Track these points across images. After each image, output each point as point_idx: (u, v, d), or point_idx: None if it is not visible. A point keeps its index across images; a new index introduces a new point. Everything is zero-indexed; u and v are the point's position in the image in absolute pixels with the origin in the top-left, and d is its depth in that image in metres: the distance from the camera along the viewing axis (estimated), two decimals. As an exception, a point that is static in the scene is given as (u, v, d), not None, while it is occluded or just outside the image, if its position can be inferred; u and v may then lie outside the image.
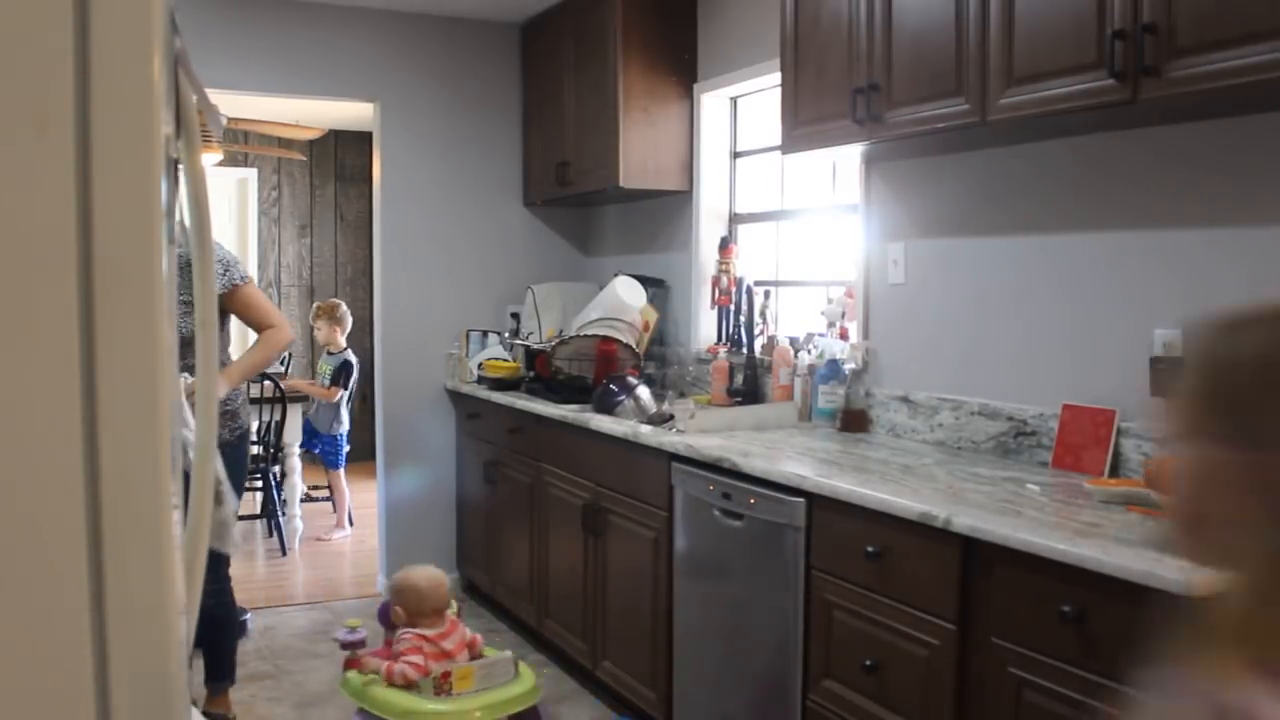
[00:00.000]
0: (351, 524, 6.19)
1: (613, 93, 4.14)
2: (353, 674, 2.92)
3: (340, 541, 6.04)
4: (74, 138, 0.89)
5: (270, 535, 5.98)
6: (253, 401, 5.53)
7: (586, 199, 4.73)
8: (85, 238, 0.90)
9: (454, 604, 3.11)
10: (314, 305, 6.48)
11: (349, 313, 6.16)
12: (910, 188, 3.19)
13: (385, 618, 3.09)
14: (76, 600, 0.90)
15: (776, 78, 3.35)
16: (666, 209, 4.47)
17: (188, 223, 1.24)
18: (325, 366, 6.08)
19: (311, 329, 6.31)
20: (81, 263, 0.89)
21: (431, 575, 3.03)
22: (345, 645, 3.06)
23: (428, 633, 2.92)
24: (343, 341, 6.08)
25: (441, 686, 2.76)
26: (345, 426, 6.08)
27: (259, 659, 4.13)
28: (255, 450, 5.78)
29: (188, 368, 2.48)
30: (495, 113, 4.98)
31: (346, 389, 5.97)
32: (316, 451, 6.10)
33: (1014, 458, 2.79)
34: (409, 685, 2.77)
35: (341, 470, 6.12)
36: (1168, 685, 0.86)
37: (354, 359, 6.02)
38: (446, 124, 4.89)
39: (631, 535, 3.38)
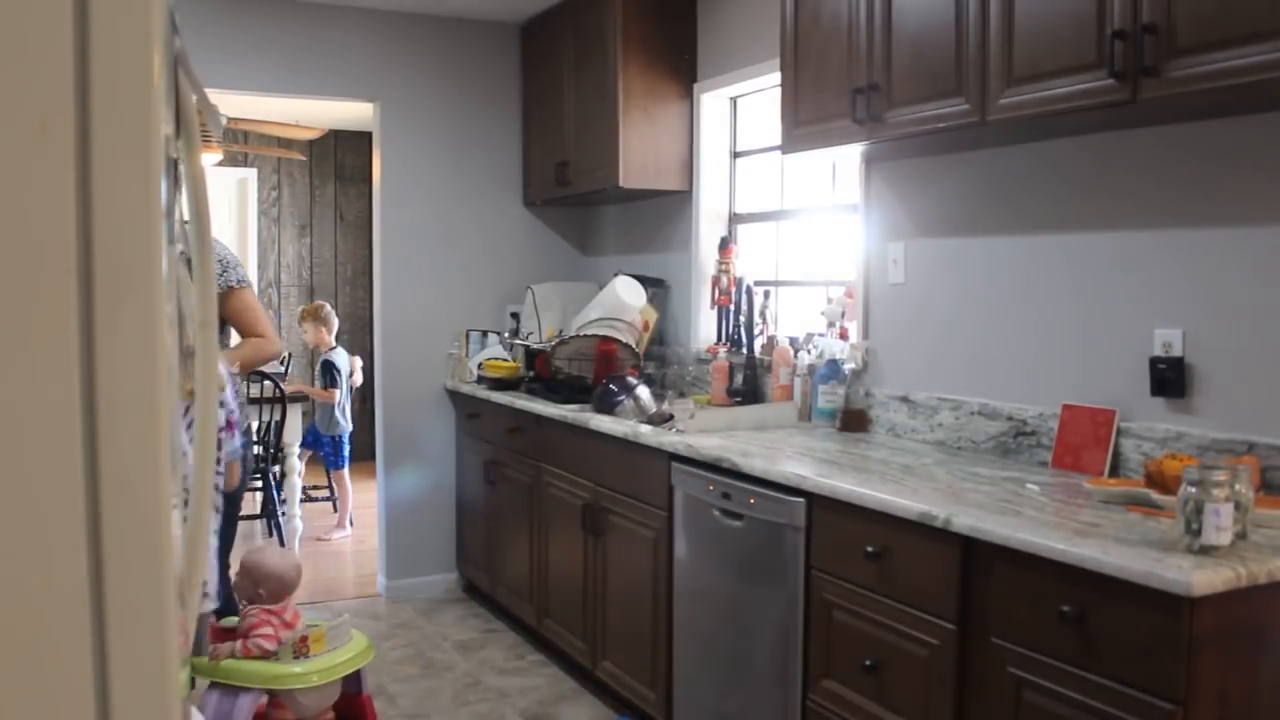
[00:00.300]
0: (351, 524, 6.20)
1: (612, 92, 4.14)
2: (197, 660, 2.94)
3: (340, 541, 6.05)
4: (74, 138, 0.89)
5: (270, 535, 5.99)
6: (252, 402, 5.54)
7: (586, 199, 4.73)
8: (85, 238, 0.89)
9: None
10: (299, 309, 6.46)
11: (334, 312, 6.15)
12: (910, 187, 3.19)
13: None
14: (76, 600, 0.90)
15: (776, 78, 3.35)
16: (666, 209, 4.47)
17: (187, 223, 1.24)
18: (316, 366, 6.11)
19: (301, 332, 6.32)
20: (81, 263, 0.89)
21: (292, 560, 3.20)
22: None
23: (273, 607, 3.08)
24: (331, 340, 6.07)
25: (300, 650, 3.02)
26: (344, 427, 6.06)
27: (259, 659, 4.12)
28: (256, 450, 5.79)
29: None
30: (495, 113, 4.98)
31: (338, 388, 5.95)
32: (321, 454, 6.11)
33: (1014, 458, 2.79)
34: (265, 655, 2.98)
35: (345, 470, 6.12)
36: None
37: (337, 358, 5.98)
38: (446, 124, 4.89)
39: (631, 535, 3.38)
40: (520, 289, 4.98)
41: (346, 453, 6.12)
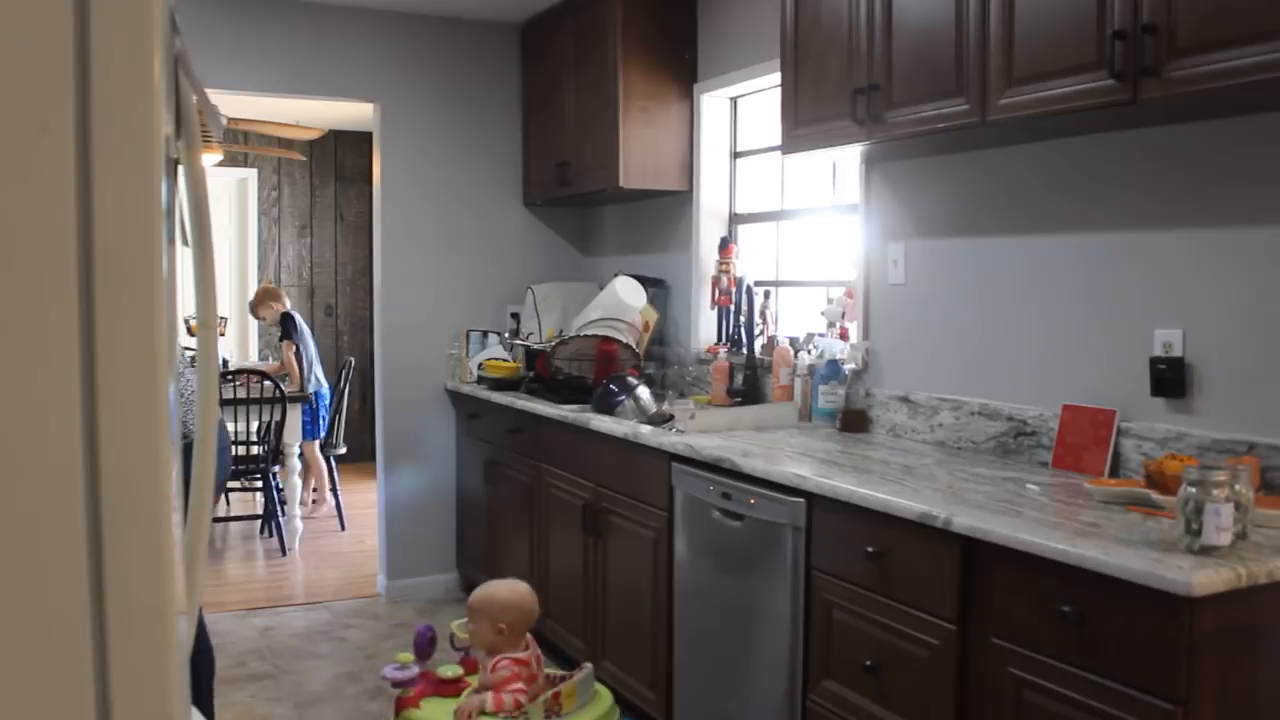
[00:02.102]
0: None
1: (613, 92, 4.14)
2: (414, 712, 2.67)
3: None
4: (74, 138, 0.89)
5: (270, 535, 5.99)
6: (253, 402, 5.54)
7: (586, 199, 4.73)
8: (85, 238, 0.89)
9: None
10: (249, 300, 6.69)
11: (279, 288, 6.51)
12: (910, 188, 3.19)
13: (424, 647, 2.85)
14: (76, 600, 0.90)
15: (776, 78, 3.35)
16: (666, 209, 4.47)
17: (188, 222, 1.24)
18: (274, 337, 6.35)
19: (259, 320, 6.58)
20: (82, 263, 0.89)
21: (523, 588, 2.82)
22: (397, 684, 2.78)
23: (520, 655, 2.71)
24: (287, 304, 6.31)
25: (553, 708, 2.61)
26: (314, 387, 6.12)
27: (259, 659, 4.13)
28: (256, 450, 5.80)
29: None
30: (495, 113, 4.98)
31: (293, 340, 6.07)
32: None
33: (1014, 458, 2.79)
34: (518, 710, 2.61)
35: (315, 442, 6.18)
36: None
37: (295, 314, 6.23)
38: (446, 124, 4.89)
39: (631, 535, 3.38)
40: (520, 289, 4.98)
41: (322, 422, 6.18)
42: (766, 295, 3.98)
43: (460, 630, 2.87)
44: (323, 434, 6.22)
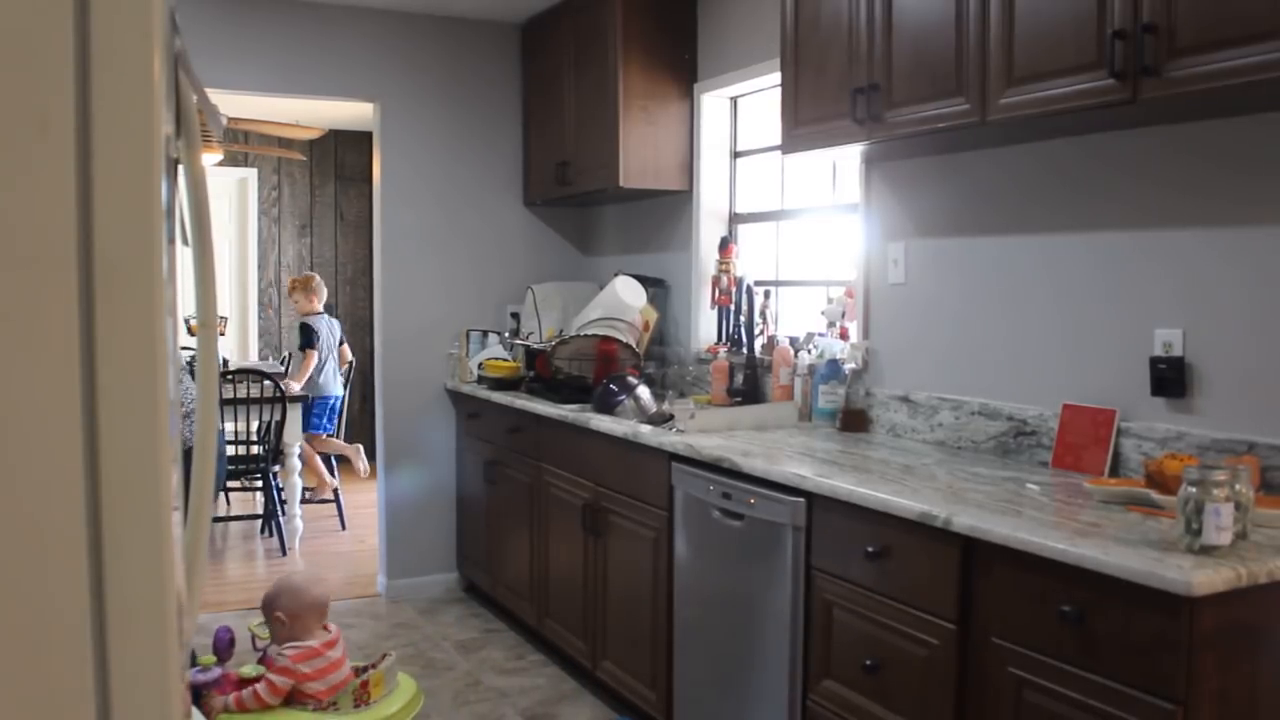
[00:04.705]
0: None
1: (613, 92, 4.14)
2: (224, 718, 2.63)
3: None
4: (74, 138, 0.89)
5: (270, 535, 5.99)
6: (253, 402, 5.54)
7: (586, 199, 4.73)
8: (85, 238, 0.89)
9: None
10: (289, 280, 6.67)
11: (323, 284, 6.40)
12: (910, 188, 3.19)
13: (224, 648, 2.81)
14: (76, 600, 0.90)
15: (776, 78, 3.35)
16: (666, 209, 4.47)
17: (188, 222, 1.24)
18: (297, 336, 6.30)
19: (292, 304, 6.56)
20: (82, 263, 0.89)
21: (296, 578, 2.89)
22: (199, 686, 2.67)
23: (308, 643, 2.71)
24: (318, 307, 6.26)
25: (361, 696, 2.64)
26: (328, 391, 6.18)
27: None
28: (256, 450, 5.80)
29: None
30: (495, 113, 4.98)
31: (314, 348, 6.08)
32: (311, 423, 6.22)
33: (1014, 458, 2.79)
34: (287, 702, 2.63)
35: (324, 435, 6.21)
36: None
37: (316, 321, 6.17)
38: (446, 124, 4.89)
39: (631, 535, 3.38)
40: (520, 289, 4.98)
41: (329, 420, 6.22)
42: (766, 295, 3.98)
43: (259, 630, 2.91)
44: (329, 431, 6.26)
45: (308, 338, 6.11)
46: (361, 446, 6.40)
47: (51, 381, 0.89)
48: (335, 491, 6.32)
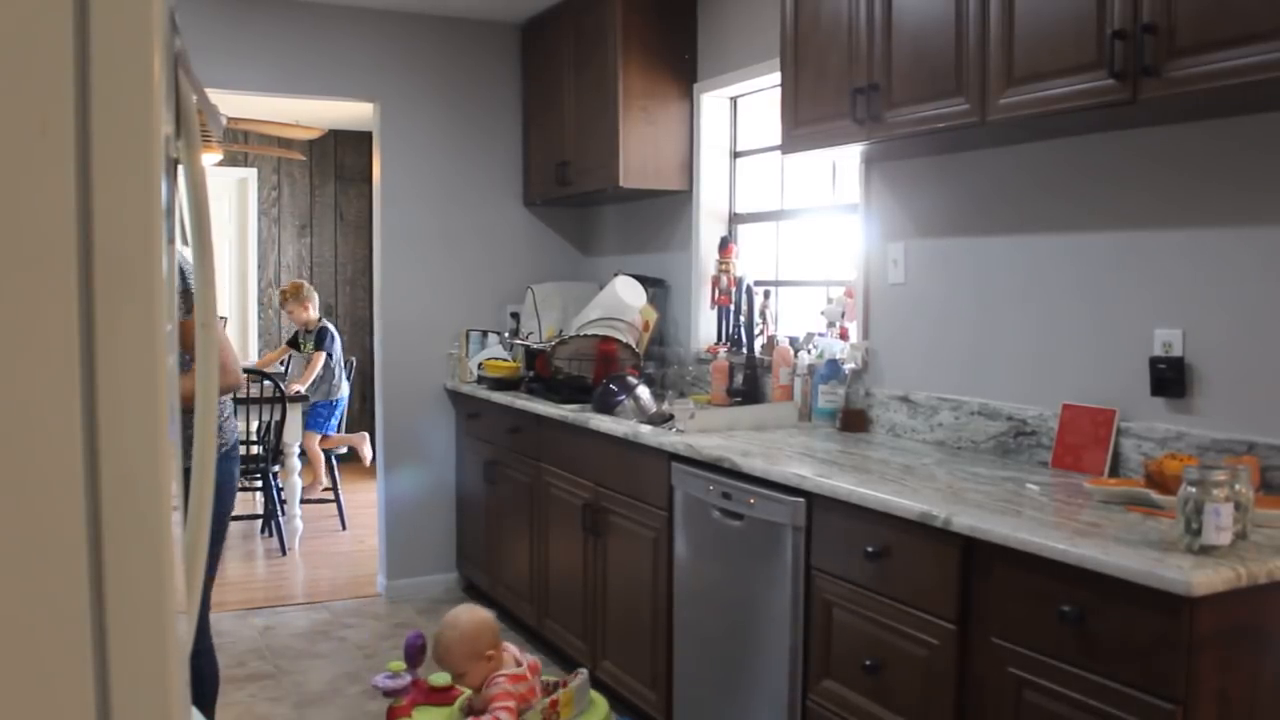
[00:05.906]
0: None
1: (613, 92, 4.14)
2: None
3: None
4: (74, 138, 0.89)
5: (270, 535, 5.99)
6: (253, 402, 5.54)
7: (586, 199, 4.73)
8: (85, 238, 0.89)
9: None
10: (278, 291, 6.65)
11: (313, 289, 6.38)
12: (910, 188, 3.19)
13: (415, 655, 2.76)
14: (76, 600, 0.90)
15: (776, 78, 3.35)
16: (666, 209, 4.47)
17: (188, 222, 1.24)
18: (308, 344, 6.26)
19: (287, 314, 6.54)
20: (81, 263, 0.89)
21: (467, 613, 2.75)
22: (388, 693, 2.68)
23: (515, 671, 2.67)
24: (315, 315, 6.28)
25: (550, 716, 2.58)
26: (338, 393, 6.23)
27: (259, 659, 4.13)
28: (256, 450, 5.80)
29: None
30: (495, 113, 4.98)
31: (326, 351, 6.12)
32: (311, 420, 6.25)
33: (1014, 458, 2.79)
34: None
35: (316, 435, 6.22)
36: None
37: (331, 327, 6.25)
38: (446, 124, 4.89)
39: (631, 535, 3.38)
40: (520, 289, 4.99)
41: (330, 420, 6.24)
42: (766, 295, 3.98)
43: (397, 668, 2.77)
44: (332, 430, 6.29)
45: (321, 340, 6.13)
46: (366, 434, 6.43)
47: (51, 381, 0.89)
48: (335, 491, 6.32)
